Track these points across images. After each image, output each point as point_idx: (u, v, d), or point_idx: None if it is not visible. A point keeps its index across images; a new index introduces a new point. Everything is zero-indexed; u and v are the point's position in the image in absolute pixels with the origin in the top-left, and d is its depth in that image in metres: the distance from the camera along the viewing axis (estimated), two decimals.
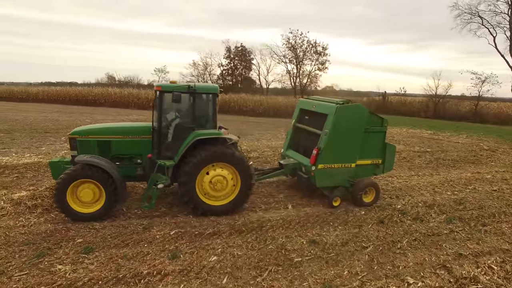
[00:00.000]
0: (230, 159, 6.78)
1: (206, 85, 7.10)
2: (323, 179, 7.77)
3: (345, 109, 7.69)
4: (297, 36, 39.83)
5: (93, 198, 6.33)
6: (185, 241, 5.93)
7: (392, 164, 8.63)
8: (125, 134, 6.93)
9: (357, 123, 7.80)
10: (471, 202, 8.67)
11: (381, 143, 8.32)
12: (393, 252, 5.93)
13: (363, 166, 8.17)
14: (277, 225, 6.73)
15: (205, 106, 7.05)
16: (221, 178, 6.82)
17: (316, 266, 5.38)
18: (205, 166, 6.71)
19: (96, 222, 6.33)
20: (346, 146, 7.79)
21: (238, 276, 5.02)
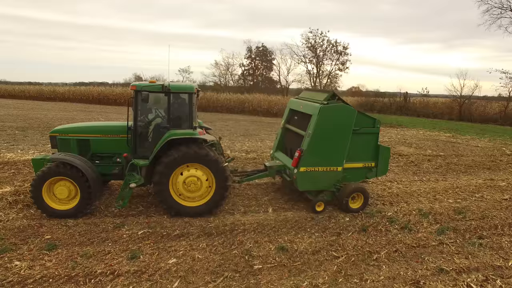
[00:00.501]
0: (204, 160, 6.66)
1: (182, 85, 7.02)
2: (306, 182, 7.44)
3: (329, 110, 7.30)
4: (317, 36, 39.11)
5: (69, 196, 6.44)
6: (150, 241, 5.88)
7: (386, 167, 8.13)
8: (103, 133, 7.01)
9: (344, 125, 7.37)
10: (473, 211, 7.99)
11: (374, 145, 7.84)
12: (367, 264, 5.54)
13: (354, 170, 7.76)
14: (250, 229, 6.53)
15: (180, 106, 6.97)
16: (195, 179, 6.72)
17: (277, 274, 5.13)
18: (178, 167, 6.63)
19: (71, 219, 6.45)
20: (331, 149, 7.38)
21: (190, 280, 4.89)
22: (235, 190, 8.59)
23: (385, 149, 7.98)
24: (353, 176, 7.80)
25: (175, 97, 6.86)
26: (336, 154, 7.45)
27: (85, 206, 6.50)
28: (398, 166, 11.90)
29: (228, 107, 28.35)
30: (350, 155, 7.60)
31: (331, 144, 7.36)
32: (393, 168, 11.53)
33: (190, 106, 6.90)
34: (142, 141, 6.89)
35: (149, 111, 7.10)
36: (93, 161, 6.99)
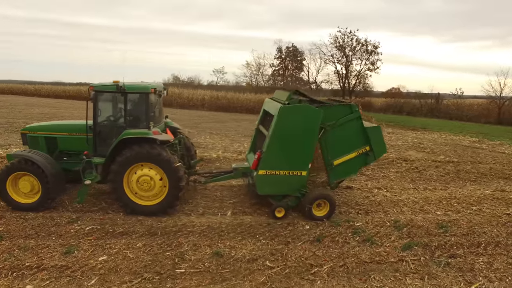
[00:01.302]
0: (155, 159, 6.66)
1: (137, 85, 7.05)
2: (265, 186, 7.10)
3: (290, 110, 6.90)
4: (345, 35, 37.64)
5: (32, 190, 6.80)
6: (92, 237, 6.01)
7: (383, 146, 7.56)
8: (69, 132, 7.30)
9: (307, 126, 6.92)
10: (460, 226, 7.12)
11: (359, 129, 7.28)
12: (301, 278, 5.15)
13: (348, 162, 7.30)
14: (197, 232, 6.40)
15: (137, 106, 7.05)
16: (148, 178, 6.74)
17: (197, 281, 4.96)
18: (131, 165, 6.71)
19: (33, 212, 6.80)
20: (293, 152, 6.96)
21: (109, 279, 4.89)
22: (205, 191, 8.51)
23: (373, 129, 7.42)
24: (350, 168, 7.42)
25: (131, 97, 6.95)
26: (300, 158, 7.01)
27: (46, 201, 6.82)
28: (397, 172, 11.01)
29: (248, 107, 28.34)
30: (337, 150, 7.21)
31: (294, 147, 6.95)
32: (390, 175, 10.70)
33: (146, 106, 6.94)
34: (101, 139, 7.07)
35: (109, 111, 7.25)
36: (61, 158, 7.32)
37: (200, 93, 33.70)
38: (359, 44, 36.58)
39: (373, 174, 10.71)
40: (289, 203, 7.23)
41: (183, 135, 8.39)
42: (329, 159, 7.27)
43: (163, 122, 7.82)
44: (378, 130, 7.49)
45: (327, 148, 7.25)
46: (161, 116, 7.89)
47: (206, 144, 14.21)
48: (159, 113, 7.83)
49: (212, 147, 13.59)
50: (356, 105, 7.34)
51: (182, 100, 32.42)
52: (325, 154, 7.28)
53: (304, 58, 44.21)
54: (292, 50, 46.04)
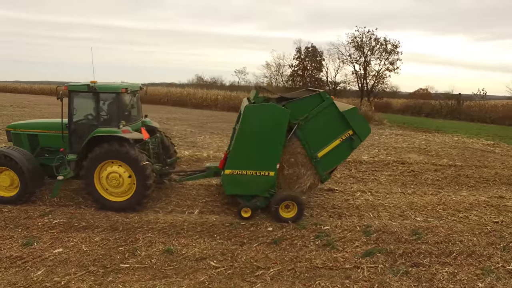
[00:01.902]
0: (124, 157, 6.83)
1: (108, 85, 7.23)
2: (232, 186, 7.06)
3: (255, 110, 6.82)
4: (364, 34, 36.49)
5: (12, 184, 7.20)
6: (56, 230, 6.27)
7: (366, 126, 7.35)
8: (48, 129, 7.63)
9: (273, 126, 6.80)
10: (438, 233, 6.70)
11: (336, 116, 7.05)
12: (242, 279, 5.06)
13: (333, 151, 7.13)
14: (157, 229, 6.49)
15: (109, 105, 7.27)
16: (117, 175, 6.93)
17: (138, 276, 5.03)
18: (101, 162, 6.91)
19: (10, 205, 7.19)
20: (260, 152, 6.87)
21: (55, 271, 5.08)
22: (181, 190, 8.60)
23: (350, 111, 7.14)
24: (338, 156, 7.28)
25: (103, 97, 7.18)
26: (267, 158, 6.91)
27: (24, 195, 7.19)
28: (390, 175, 10.55)
29: None
30: (318, 142, 7.06)
31: (260, 147, 6.87)
32: (382, 178, 10.27)
33: (117, 105, 7.14)
34: (75, 137, 7.34)
35: (82, 110, 7.47)
36: (43, 155, 7.68)
37: (213, 93, 34.06)
38: (378, 44, 35.42)
39: (363, 176, 10.34)
40: (258, 204, 7.15)
41: (162, 134, 8.52)
42: (312, 153, 7.09)
43: (139, 121, 8.00)
44: (355, 112, 7.20)
45: (307, 142, 7.08)
46: (138, 115, 8.07)
47: (202, 143, 14.37)
48: (136, 112, 8.03)
49: (207, 147, 13.71)
50: (325, 92, 7.09)
51: (196, 100, 32.98)
52: (307, 149, 7.10)
53: (323, 58, 43.52)
54: (311, 50, 45.40)
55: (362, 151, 13.47)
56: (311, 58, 45.29)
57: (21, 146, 7.57)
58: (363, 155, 12.54)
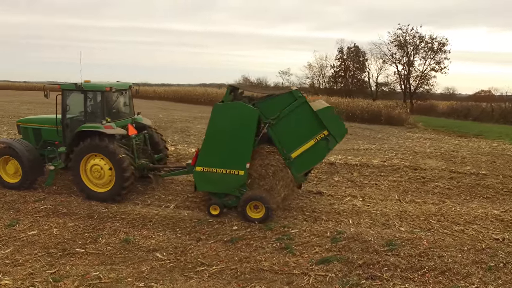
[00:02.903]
0: (103, 150, 7.30)
1: (94, 84, 7.73)
2: (203, 183, 7.13)
3: (223, 108, 6.84)
4: (407, 32, 34.02)
5: (17, 172, 8.08)
6: (41, 215, 6.91)
7: (341, 126, 6.97)
8: (49, 124, 8.38)
9: (242, 125, 6.75)
10: (416, 246, 6.06)
11: (309, 115, 6.79)
12: (180, 274, 5.11)
13: (309, 151, 6.87)
14: (127, 219, 6.82)
15: (95, 103, 7.81)
16: (99, 168, 7.42)
17: (88, 260, 5.38)
18: (85, 155, 7.45)
19: (14, 190, 8.06)
20: (229, 150, 6.85)
21: (21, 250, 5.64)
22: (170, 185, 8.85)
23: (324, 111, 6.86)
24: (313, 157, 6.99)
25: (89, 95, 7.75)
26: (236, 157, 6.86)
27: (25, 182, 8.03)
28: (395, 181, 9.76)
29: None
30: (291, 142, 6.88)
31: (229, 145, 6.85)
32: (383, 183, 9.56)
33: (102, 103, 7.65)
34: (68, 131, 8.00)
35: (73, 107, 8.07)
36: (45, 147, 8.46)
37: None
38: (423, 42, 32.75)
39: (363, 181, 9.73)
40: (229, 202, 7.14)
41: (152, 131, 8.90)
42: (285, 153, 6.92)
43: (129, 118, 8.44)
44: (329, 111, 6.88)
45: (279, 142, 6.93)
46: (128, 113, 8.54)
47: None
48: (127, 109, 8.52)
49: None
50: (297, 90, 6.84)
51: None
52: (280, 149, 6.97)
53: (366, 58, 41.66)
54: (353, 50, 43.71)
55: (375, 154, 12.68)
56: (353, 58, 43.63)
57: (28, 139, 8.46)
58: (374, 159, 11.78)
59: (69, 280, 4.73)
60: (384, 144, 14.94)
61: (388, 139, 16.44)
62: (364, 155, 12.46)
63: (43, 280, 4.72)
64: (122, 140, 7.75)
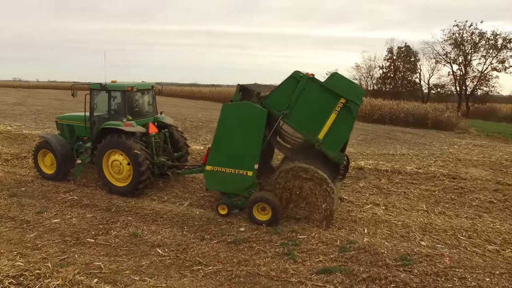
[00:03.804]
0: (121, 147, 7.69)
1: (117, 84, 8.10)
2: (213, 182, 7.14)
3: (232, 108, 6.77)
4: (464, 29, 30.92)
5: (52, 164, 8.85)
6: (66, 205, 7.47)
7: (356, 88, 6.37)
8: (80, 121, 8.97)
9: (250, 125, 6.61)
10: (435, 263, 5.47)
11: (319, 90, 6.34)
12: (176, 271, 5.19)
13: (334, 126, 6.37)
14: (141, 214, 7.08)
15: (117, 101, 8.25)
16: (118, 163, 7.83)
17: (95, 250, 5.71)
18: (107, 151, 7.89)
19: (50, 180, 8.84)
20: (238, 150, 6.76)
21: (43, 236, 6.15)
22: (190, 183, 9.02)
23: (331, 79, 6.36)
24: (341, 129, 6.45)
25: (113, 94, 8.18)
26: (244, 157, 6.76)
27: (59, 173, 8.77)
28: (427, 190, 8.91)
29: None
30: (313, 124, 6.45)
31: (238, 146, 6.77)
32: (413, 192, 8.79)
33: (123, 101, 8.06)
34: (94, 128, 8.52)
35: (99, 105, 8.55)
36: (78, 142, 9.12)
37: None
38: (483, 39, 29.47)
39: (391, 188, 9.04)
40: (238, 203, 7.09)
41: (173, 129, 9.12)
42: (312, 137, 6.51)
43: (151, 117, 8.76)
44: (337, 77, 6.42)
45: (301, 128, 6.59)
46: (151, 111, 8.88)
47: None
48: (150, 108, 8.87)
49: None
50: (298, 71, 6.44)
51: None
52: (305, 136, 6.61)
53: (418, 59, 38.94)
54: (404, 50, 41.13)
55: (411, 160, 11.73)
56: (404, 58, 41.11)
57: (63, 135, 9.22)
58: (408, 165, 10.90)
59: (73, 267, 5.02)
60: (425, 149, 13.78)
61: (431, 144, 15.14)
62: (398, 160, 11.61)
63: (52, 265, 5.06)
64: (143, 138, 8.08)
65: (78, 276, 4.66)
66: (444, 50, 33.05)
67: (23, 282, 4.57)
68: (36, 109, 23.89)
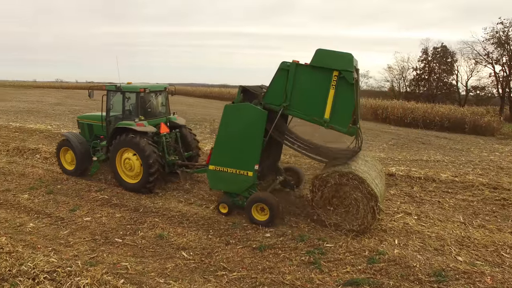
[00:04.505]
0: (132, 145, 8.02)
1: (130, 85, 8.49)
2: (215, 182, 7.27)
3: (233, 109, 6.86)
4: (510, 27, 28.78)
5: (73, 160, 9.42)
6: (97, 204, 7.73)
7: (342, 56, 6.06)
8: (98, 120, 9.38)
9: (250, 126, 6.66)
10: (474, 282, 5.10)
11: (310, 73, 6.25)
12: (201, 275, 5.18)
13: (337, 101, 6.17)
14: (167, 216, 7.17)
15: (131, 102, 8.67)
16: (129, 161, 8.19)
17: (123, 250, 5.83)
18: (119, 149, 8.26)
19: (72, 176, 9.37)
20: (239, 151, 6.84)
21: (75, 233, 6.39)
22: None
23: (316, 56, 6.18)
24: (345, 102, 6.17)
25: (127, 95, 8.59)
26: (245, 158, 6.81)
27: (77, 170, 9.33)
28: (464, 200, 8.35)
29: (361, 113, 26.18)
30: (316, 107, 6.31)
31: (239, 146, 6.87)
32: (448, 201, 8.28)
33: (136, 102, 8.44)
34: (110, 127, 8.89)
35: (115, 105, 8.98)
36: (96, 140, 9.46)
37: None
38: None
39: (424, 197, 8.57)
40: (239, 202, 7.18)
41: (186, 130, 9.38)
42: (319, 120, 6.34)
43: (164, 117, 9.11)
44: (321, 53, 6.18)
45: (307, 114, 6.46)
46: (164, 112, 9.21)
47: None
48: (163, 109, 9.22)
49: None
50: (284, 62, 6.41)
51: None
52: (313, 121, 6.44)
53: (455, 59, 36.90)
54: (440, 50, 39.17)
55: (447, 167, 11.09)
56: (440, 59, 39.21)
57: (83, 133, 9.76)
58: (443, 172, 10.30)
59: (101, 266, 5.15)
60: (462, 156, 12.99)
61: (468, 150, 14.26)
62: (432, 167, 11.02)
63: (82, 263, 5.21)
64: (154, 137, 8.39)
65: (106, 276, 4.76)
66: (485, 50, 31.13)
67: (56, 278, 4.73)
68: (74, 109, 25.12)
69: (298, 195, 8.42)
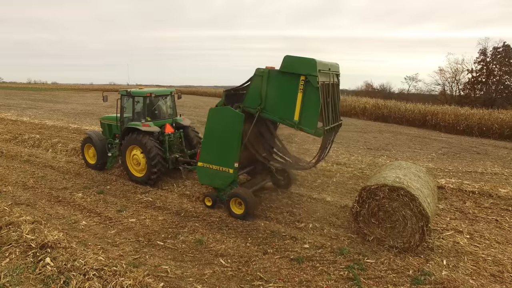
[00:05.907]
0: (138, 143, 9.01)
1: (139, 90, 9.45)
2: (203, 177, 7.92)
3: (215, 112, 7.48)
4: None
5: (94, 156, 10.53)
6: (142, 206, 8.11)
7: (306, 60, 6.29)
8: (115, 121, 10.31)
9: (230, 127, 7.25)
10: None
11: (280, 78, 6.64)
12: (237, 284, 5.20)
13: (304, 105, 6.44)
14: (208, 221, 7.33)
15: (139, 105, 9.48)
16: (136, 156, 9.26)
17: (163, 253, 6.03)
18: (128, 146, 9.30)
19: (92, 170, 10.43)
20: (221, 149, 7.51)
21: (121, 234, 6.74)
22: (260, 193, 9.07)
23: (284, 63, 6.48)
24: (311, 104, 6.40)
25: (136, 99, 9.44)
26: (226, 156, 7.47)
27: (97, 164, 10.52)
28: None
29: (408, 118, 24.74)
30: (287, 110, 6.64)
31: (221, 145, 7.48)
32: (508, 220, 7.52)
33: (143, 105, 9.28)
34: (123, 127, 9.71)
35: (127, 108, 9.84)
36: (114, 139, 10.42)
37: (362, 101, 32.35)
38: None
39: (478, 214, 7.87)
40: (223, 197, 7.79)
41: (190, 130, 10.19)
42: (290, 122, 6.67)
43: (170, 119, 9.99)
44: (288, 58, 6.48)
45: (280, 118, 6.80)
46: (171, 114, 10.14)
47: None
48: (171, 111, 10.10)
49: None
50: (259, 68, 6.89)
51: (344, 108, 32.27)
52: (285, 123, 6.78)
53: None
54: (502, 51, 35.98)
55: (507, 181, 10.08)
56: (501, 60, 36.06)
57: (105, 132, 10.76)
58: (502, 187, 9.38)
59: (143, 268, 5.39)
60: None
61: None
62: (488, 181, 10.12)
63: (126, 263, 5.50)
64: (159, 137, 9.26)
65: (147, 278, 4.97)
66: None
67: (103, 276, 5.03)
68: None
69: (339, 206, 8.19)
